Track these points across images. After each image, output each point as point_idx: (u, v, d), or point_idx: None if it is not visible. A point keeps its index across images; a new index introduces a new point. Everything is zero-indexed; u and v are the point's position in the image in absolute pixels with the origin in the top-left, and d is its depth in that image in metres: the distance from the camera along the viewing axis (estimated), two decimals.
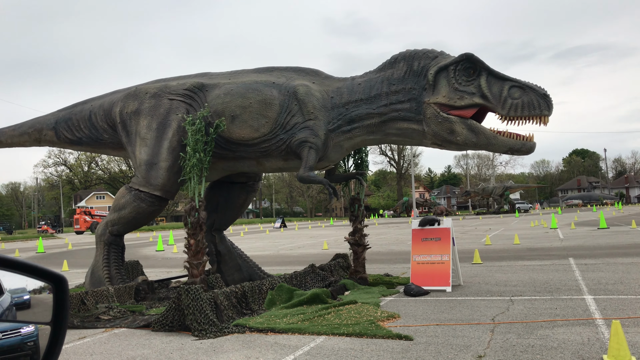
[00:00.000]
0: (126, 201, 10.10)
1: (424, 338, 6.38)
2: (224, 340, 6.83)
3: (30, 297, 1.70)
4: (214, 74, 10.81)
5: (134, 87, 10.93)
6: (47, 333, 1.69)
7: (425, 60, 9.19)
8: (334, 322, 7.37)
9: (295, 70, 10.27)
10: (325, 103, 9.66)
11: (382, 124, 9.39)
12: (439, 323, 7.14)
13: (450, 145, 9.09)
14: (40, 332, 1.72)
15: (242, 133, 9.73)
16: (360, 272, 10.81)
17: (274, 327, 7.19)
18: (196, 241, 9.41)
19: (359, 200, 11.01)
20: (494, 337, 6.22)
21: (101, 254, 10.34)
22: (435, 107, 8.87)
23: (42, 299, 1.72)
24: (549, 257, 14.65)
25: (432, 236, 10.17)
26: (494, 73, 8.71)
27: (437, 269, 9.93)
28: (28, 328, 1.73)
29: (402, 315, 7.77)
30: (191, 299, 7.27)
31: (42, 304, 1.72)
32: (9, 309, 1.66)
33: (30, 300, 1.70)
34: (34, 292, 1.71)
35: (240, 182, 11.42)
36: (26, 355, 1.72)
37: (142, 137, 10.14)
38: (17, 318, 1.69)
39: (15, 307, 1.67)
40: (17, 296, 1.68)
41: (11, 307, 1.66)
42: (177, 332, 7.39)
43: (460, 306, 8.28)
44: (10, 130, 12.16)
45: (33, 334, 1.73)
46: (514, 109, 8.46)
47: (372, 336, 6.54)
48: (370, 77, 9.64)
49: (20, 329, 1.71)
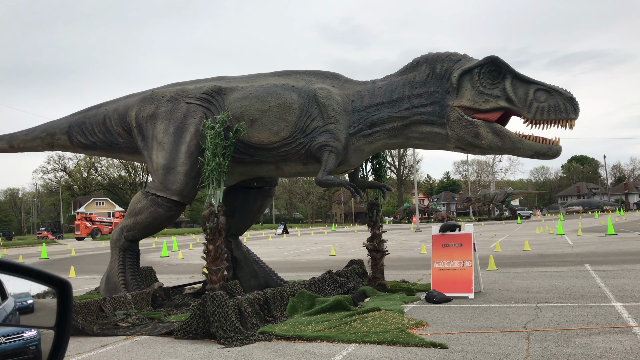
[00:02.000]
0: (142, 206, 9.94)
1: (458, 346, 6.23)
2: (252, 348, 6.66)
3: (33, 302, 1.70)
4: (231, 77, 10.68)
5: (150, 90, 10.79)
6: (50, 338, 1.68)
7: (448, 63, 9.06)
8: (361, 329, 7.21)
9: (315, 73, 10.14)
10: (346, 107, 9.53)
11: (404, 128, 9.25)
12: (470, 331, 6.99)
13: (474, 149, 8.95)
14: (43, 337, 1.72)
15: (262, 137, 9.60)
16: (379, 278, 10.65)
17: (301, 335, 7.03)
18: (215, 247, 9.25)
19: (378, 206, 10.86)
20: (532, 346, 6.07)
21: (116, 260, 10.18)
22: (460, 110, 8.74)
23: (45, 303, 1.71)
24: (564, 263, 14.50)
25: (453, 242, 10.02)
26: (519, 76, 8.59)
27: (458, 276, 9.77)
28: (30, 332, 1.76)
29: (430, 322, 7.61)
30: (216, 306, 7.10)
31: (45, 309, 1.71)
32: (13, 313, 1.67)
33: (33, 304, 1.70)
34: (37, 296, 1.71)
35: (256, 187, 11.27)
36: (28, 359, 1.75)
37: (159, 141, 10.00)
38: (20, 322, 1.69)
39: (19, 311, 1.67)
40: (21, 300, 1.68)
41: (14, 311, 1.67)
42: (201, 340, 7.22)
43: (486, 313, 8.13)
44: (23, 135, 12.01)
45: (35, 338, 1.75)
46: (540, 113, 8.34)
47: (405, 344, 6.38)
48: (391, 80, 9.51)
49: (22, 333, 1.75)
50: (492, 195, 71.28)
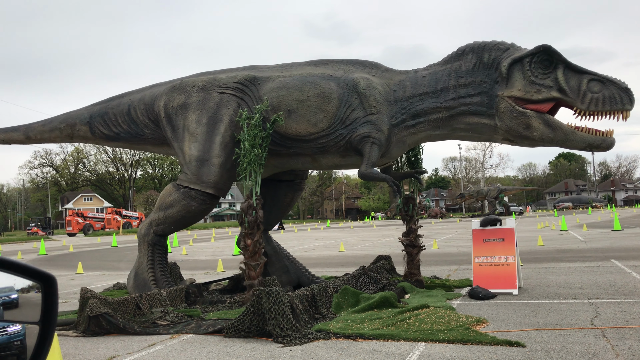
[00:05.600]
0: (174, 199, 9.55)
1: (535, 344, 5.95)
2: (314, 347, 6.34)
3: (18, 296, 1.68)
4: (263, 66, 10.31)
5: (179, 79, 10.40)
6: (35, 332, 1.67)
7: (496, 52, 8.78)
8: (421, 327, 6.90)
9: (353, 62, 9.81)
10: (388, 96, 9.21)
11: (449, 119, 8.96)
12: (537, 328, 6.71)
13: (523, 141, 8.69)
14: (28, 332, 1.71)
15: (299, 128, 9.26)
16: (416, 274, 10.37)
17: (361, 333, 6.71)
18: (253, 242, 8.91)
19: (414, 199, 10.57)
20: (614, 344, 5.80)
21: (145, 255, 9.78)
22: (510, 100, 8.47)
23: (30, 298, 1.69)
24: (588, 259, 14.33)
25: (495, 237, 9.75)
26: (571, 66, 8.34)
27: (501, 271, 9.51)
28: (14, 327, 1.73)
29: (489, 319, 7.34)
30: (272, 302, 6.76)
31: (30, 304, 1.69)
32: None
33: (18, 299, 1.68)
34: (22, 291, 1.69)
35: (286, 180, 10.92)
36: (13, 354, 1.72)
37: (191, 132, 9.61)
38: (4, 317, 1.67)
39: (3, 306, 1.65)
40: (5, 295, 1.66)
41: None
42: (254, 339, 6.88)
43: (541, 310, 7.86)
44: (40, 126, 11.54)
45: (20, 333, 1.73)
46: (595, 103, 8.09)
47: (478, 343, 6.09)
48: (435, 69, 9.21)
49: (6, 328, 1.72)
50: (485, 191, 71.39)
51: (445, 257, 16.68)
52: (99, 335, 7.53)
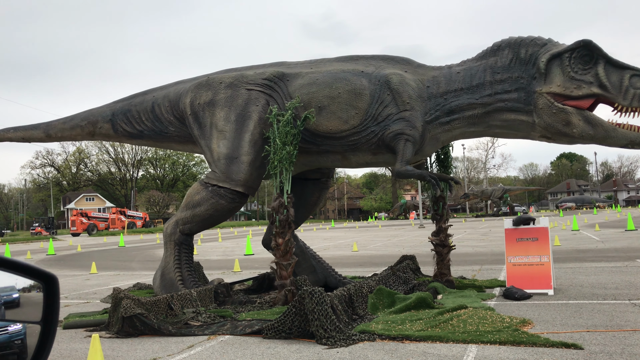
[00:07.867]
0: (202, 198, 9.36)
1: (592, 347, 5.77)
2: (360, 349, 6.15)
3: (19, 296, 1.68)
4: (292, 63, 10.13)
5: (205, 76, 10.21)
6: (36, 332, 1.67)
7: (534, 48, 8.61)
8: (467, 329, 6.72)
9: (384, 58, 9.63)
10: (421, 93, 9.03)
11: (485, 115, 8.78)
12: (587, 329, 6.53)
13: (562, 138, 8.50)
14: (29, 331, 1.71)
15: (330, 125, 9.08)
16: (446, 274, 10.18)
17: (407, 335, 6.53)
18: (285, 240, 8.72)
19: (444, 199, 10.39)
20: None
21: (172, 255, 9.59)
22: (549, 97, 8.29)
23: (31, 297, 1.70)
24: (611, 259, 14.14)
25: (529, 236, 9.56)
26: (612, 61, 8.15)
27: (536, 271, 9.33)
28: (15, 326, 1.73)
29: (534, 321, 7.15)
30: (315, 303, 6.57)
31: (31, 303, 1.70)
32: None
33: (19, 298, 1.68)
34: (23, 290, 1.69)
35: (313, 178, 10.74)
36: (13, 353, 1.72)
37: (219, 130, 9.42)
38: (5, 317, 1.67)
39: (4, 305, 1.65)
40: (6, 294, 1.66)
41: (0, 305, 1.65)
42: (296, 340, 6.70)
43: (584, 311, 7.68)
44: (61, 124, 11.35)
45: (20, 332, 1.73)
46: (638, 100, 7.90)
47: (532, 344, 5.91)
48: (469, 65, 9.03)
49: (7, 327, 1.71)
50: (489, 191, 71.22)
51: (464, 257, 16.47)
52: (132, 336, 7.35)
